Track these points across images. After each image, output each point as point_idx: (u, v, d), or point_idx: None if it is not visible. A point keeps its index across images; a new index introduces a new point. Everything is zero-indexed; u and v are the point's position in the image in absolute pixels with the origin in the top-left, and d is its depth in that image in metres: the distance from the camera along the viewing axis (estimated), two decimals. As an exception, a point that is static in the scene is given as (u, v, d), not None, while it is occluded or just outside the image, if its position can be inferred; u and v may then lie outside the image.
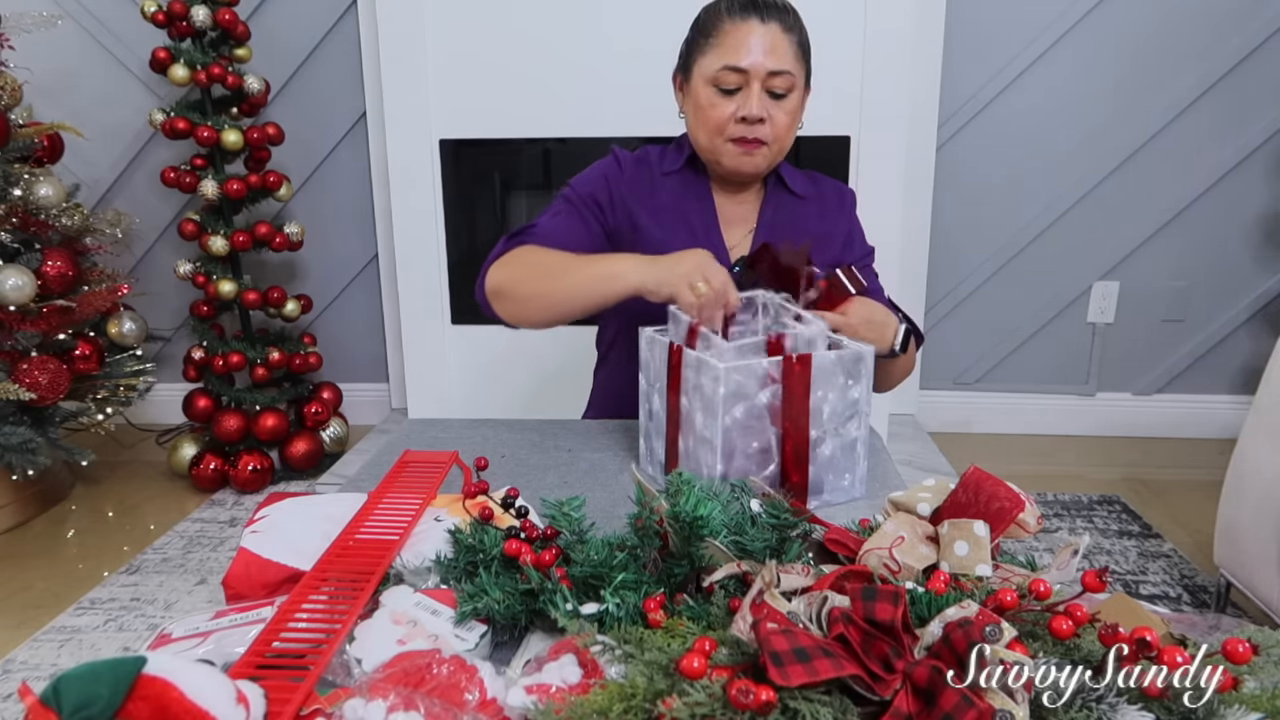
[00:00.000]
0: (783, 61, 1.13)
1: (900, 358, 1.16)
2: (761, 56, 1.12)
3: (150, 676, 0.49)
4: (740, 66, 1.12)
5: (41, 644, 1.73)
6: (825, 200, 1.31)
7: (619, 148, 1.30)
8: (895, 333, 1.12)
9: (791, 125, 1.18)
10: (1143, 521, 2.18)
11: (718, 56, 1.13)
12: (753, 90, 1.13)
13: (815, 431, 0.93)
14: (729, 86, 1.14)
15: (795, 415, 0.91)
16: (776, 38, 1.12)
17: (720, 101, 1.15)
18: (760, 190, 1.29)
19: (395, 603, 0.68)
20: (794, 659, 0.45)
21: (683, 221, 1.24)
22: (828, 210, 1.30)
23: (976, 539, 0.64)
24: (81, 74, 2.66)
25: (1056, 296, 2.69)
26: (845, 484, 0.97)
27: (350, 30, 2.59)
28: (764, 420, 0.91)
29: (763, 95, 1.14)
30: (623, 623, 0.61)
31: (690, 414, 0.94)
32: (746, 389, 0.89)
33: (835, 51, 2.21)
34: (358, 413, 2.84)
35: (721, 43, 1.13)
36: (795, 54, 1.14)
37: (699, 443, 0.93)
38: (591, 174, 1.27)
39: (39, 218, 2.16)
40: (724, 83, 1.14)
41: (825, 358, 0.91)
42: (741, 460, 0.91)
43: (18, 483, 2.20)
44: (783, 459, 0.93)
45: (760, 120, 1.14)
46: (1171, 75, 2.48)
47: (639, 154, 1.29)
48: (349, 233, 2.77)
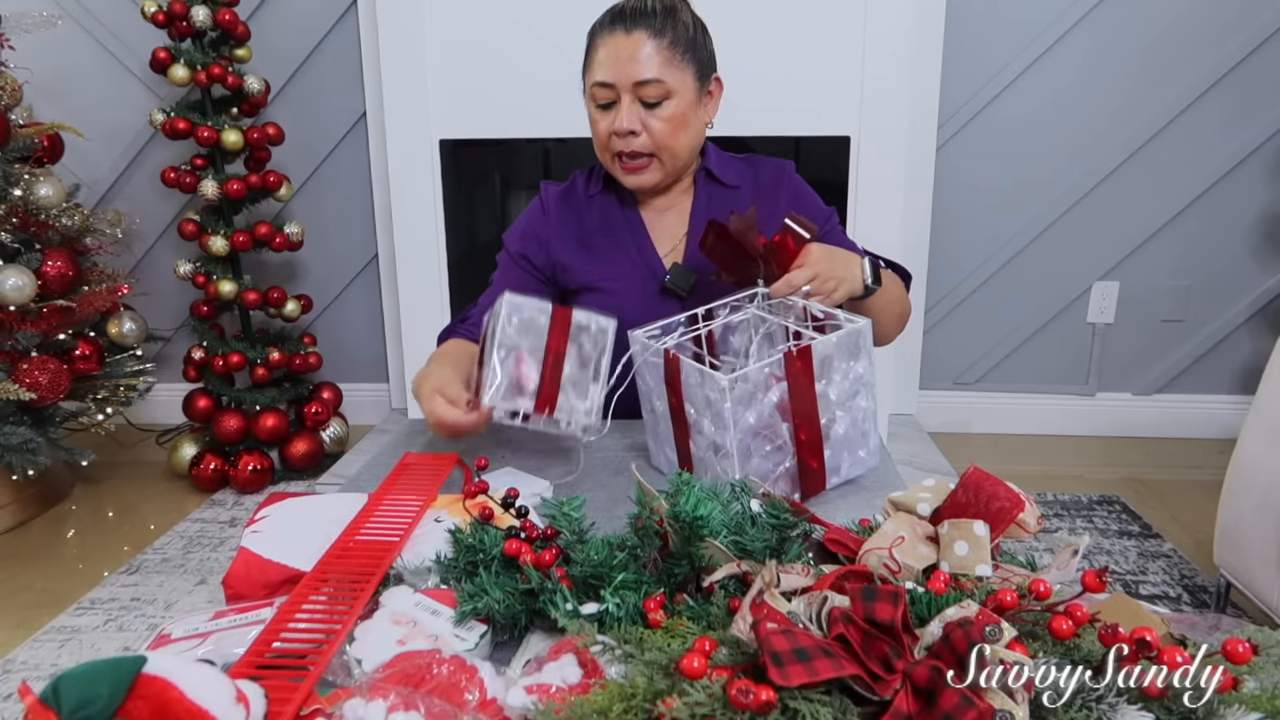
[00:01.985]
0: (648, 70, 1.11)
1: (881, 294, 1.14)
2: (624, 67, 1.11)
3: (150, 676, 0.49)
4: (606, 81, 1.12)
5: (41, 644, 1.73)
6: (761, 181, 1.27)
7: (547, 182, 1.30)
8: (860, 266, 1.10)
9: (676, 131, 1.15)
10: (1143, 521, 2.18)
11: (590, 73, 1.15)
12: (623, 103, 1.13)
13: (825, 416, 0.92)
14: (603, 101, 1.14)
15: (805, 407, 0.91)
16: (640, 46, 1.10)
17: (599, 116, 1.16)
18: (688, 189, 1.27)
19: (395, 603, 0.68)
20: (794, 659, 0.45)
21: (614, 244, 1.25)
22: (764, 190, 1.26)
23: (976, 539, 0.64)
24: (81, 74, 2.66)
25: (1056, 297, 2.69)
26: (861, 456, 0.98)
27: (350, 30, 2.59)
28: (776, 419, 0.91)
29: (634, 106, 1.12)
30: (623, 623, 0.61)
31: (698, 421, 0.94)
32: (753, 395, 0.89)
33: (835, 52, 2.21)
34: (358, 413, 2.84)
35: (592, 59, 1.15)
36: (666, 59, 1.11)
37: (711, 449, 0.92)
38: (518, 227, 1.29)
39: (39, 218, 2.16)
40: (599, 98, 1.15)
41: (824, 345, 0.90)
42: (759, 460, 0.91)
43: (18, 483, 2.20)
44: (798, 449, 0.92)
45: (632, 132, 1.13)
46: (1172, 75, 2.48)
47: (565, 185, 1.29)
48: (349, 233, 2.77)
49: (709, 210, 1.24)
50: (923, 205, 2.54)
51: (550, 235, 1.26)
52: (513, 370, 0.95)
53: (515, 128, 2.35)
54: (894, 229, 2.30)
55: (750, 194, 1.26)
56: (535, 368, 0.95)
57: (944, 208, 2.59)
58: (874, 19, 2.18)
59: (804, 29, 2.18)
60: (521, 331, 0.95)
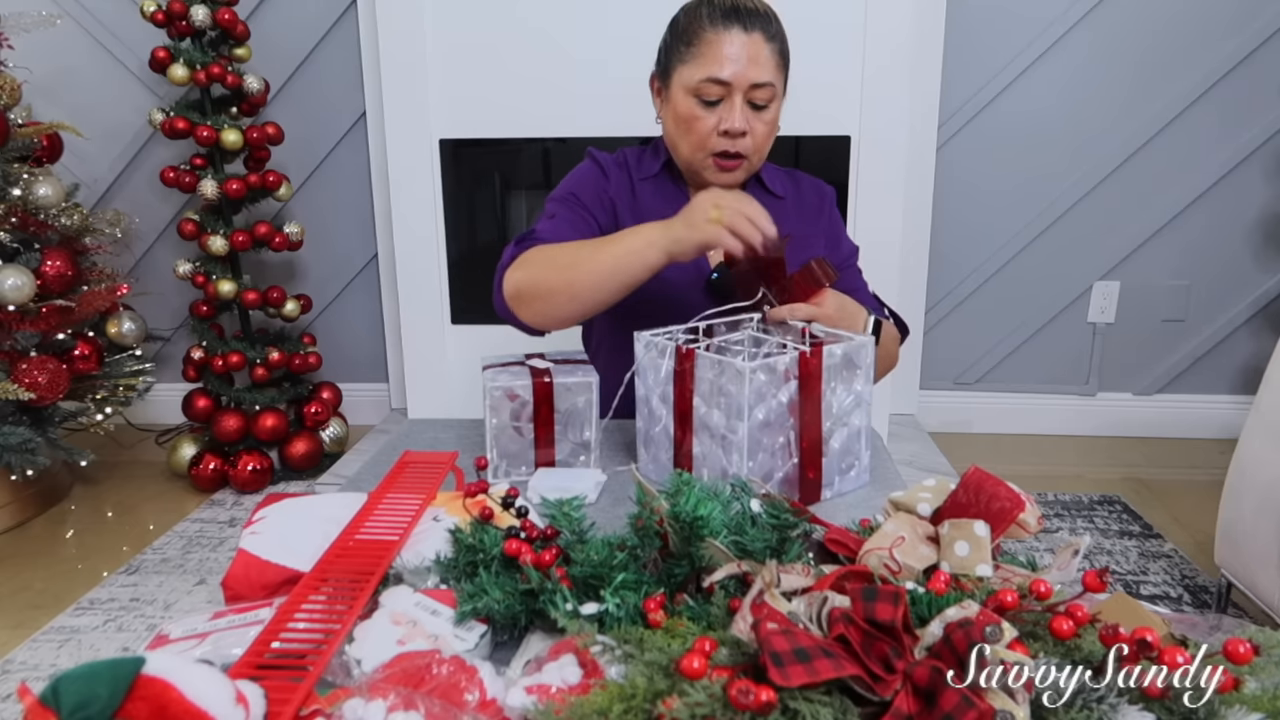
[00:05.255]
0: (765, 72, 1.10)
1: (877, 348, 1.16)
2: (745, 68, 1.09)
3: (149, 677, 0.49)
4: (723, 79, 1.09)
5: (41, 644, 1.73)
6: (804, 200, 1.29)
7: (595, 149, 1.28)
8: (865, 323, 1.11)
9: (770, 135, 1.16)
10: (1143, 522, 2.18)
11: (699, 67, 1.10)
12: (735, 102, 1.10)
13: (826, 424, 0.94)
14: (710, 98, 1.11)
15: (811, 409, 0.92)
16: (759, 48, 1.09)
17: (702, 114, 1.12)
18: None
19: (395, 603, 0.68)
20: (794, 659, 0.45)
21: None
22: (807, 210, 1.28)
23: (977, 539, 0.64)
24: (81, 74, 2.66)
25: (1057, 296, 2.69)
26: (853, 474, 0.99)
27: (350, 30, 2.59)
28: (783, 418, 0.92)
29: (744, 107, 1.11)
30: (623, 623, 0.61)
31: (707, 416, 0.94)
32: (768, 388, 0.90)
33: (835, 51, 2.21)
34: (357, 413, 2.84)
35: (703, 52, 1.10)
36: (777, 64, 1.12)
37: (719, 444, 0.93)
38: (575, 177, 1.25)
39: (38, 217, 2.16)
40: (706, 94, 1.11)
41: (834, 351, 0.92)
42: (765, 456, 0.92)
43: (17, 483, 2.20)
44: (800, 455, 0.93)
45: (743, 134, 1.12)
46: (1172, 75, 2.48)
47: (616, 156, 1.27)
48: (349, 233, 2.77)
49: None
50: (923, 205, 2.54)
51: (611, 194, 1.23)
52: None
53: (515, 128, 2.35)
54: (894, 229, 2.30)
55: (794, 208, 1.27)
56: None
57: (944, 208, 2.59)
58: (874, 19, 2.18)
59: (804, 29, 2.16)
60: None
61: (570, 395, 1.03)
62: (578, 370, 1.05)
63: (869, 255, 1.42)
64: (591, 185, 1.23)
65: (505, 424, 1.01)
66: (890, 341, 1.22)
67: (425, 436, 1.18)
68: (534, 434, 1.02)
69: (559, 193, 1.24)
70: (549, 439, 1.03)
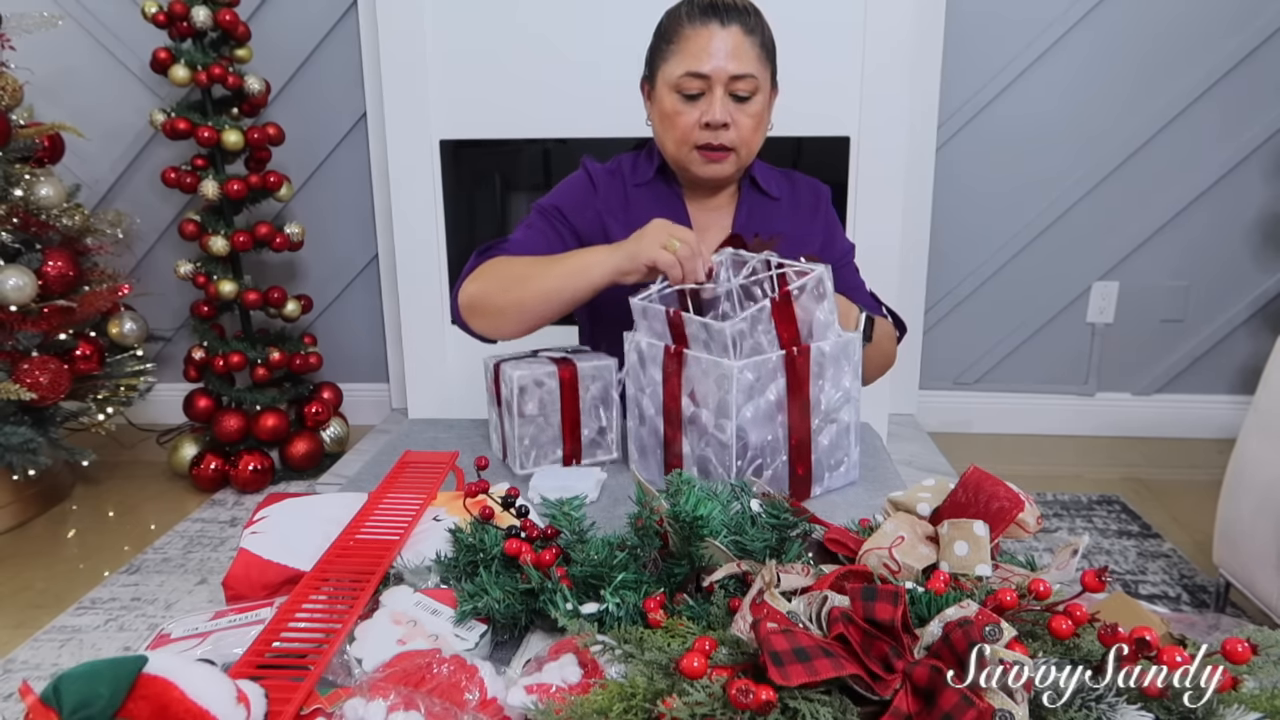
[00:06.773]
0: (745, 64, 1.12)
1: (869, 345, 1.15)
2: (723, 60, 1.11)
3: (151, 676, 0.49)
4: (702, 72, 1.12)
5: (42, 644, 1.73)
6: (800, 200, 1.30)
7: (589, 159, 1.30)
8: (856, 320, 1.11)
9: (757, 128, 1.17)
10: (1142, 521, 2.18)
11: (679, 62, 1.13)
12: (716, 95, 1.13)
13: (815, 420, 0.95)
14: (692, 92, 1.13)
15: (799, 407, 0.93)
16: (738, 40, 1.12)
17: (684, 108, 1.15)
18: (734, 194, 1.28)
19: (395, 603, 0.68)
20: (794, 659, 0.45)
21: None
22: (802, 210, 1.30)
23: (976, 539, 0.64)
24: (82, 74, 2.66)
25: (1056, 297, 2.69)
26: (842, 471, 1.00)
27: (350, 30, 2.59)
28: (772, 415, 0.92)
29: (726, 100, 1.13)
30: (623, 623, 0.61)
31: (696, 414, 0.94)
32: (757, 385, 0.90)
33: (834, 52, 2.21)
34: (358, 413, 2.84)
35: (683, 48, 1.13)
36: (758, 56, 1.13)
37: (708, 444, 0.93)
38: (564, 189, 1.28)
39: (40, 218, 2.16)
40: (687, 88, 1.14)
41: (822, 347, 0.93)
42: (754, 454, 0.92)
43: (18, 483, 2.20)
44: (789, 452, 0.94)
45: (724, 125, 1.14)
46: (1172, 75, 2.48)
47: (610, 165, 1.29)
48: (349, 233, 2.77)
49: (750, 220, 1.26)
50: (923, 205, 2.54)
51: (600, 208, 1.25)
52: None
53: (515, 128, 2.35)
54: (894, 229, 2.30)
55: (789, 208, 1.28)
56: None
57: (944, 208, 2.59)
58: (874, 19, 2.18)
59: (804, 29, 2.18)
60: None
61: (593, 380, 1.08)
62: (592, 357, 1.11)
63: (868, 256, 1.43)
64: (578, 198, 1.26)
65: (533, 415, 1.06)
66: (886, 339, 1.23)
67: (425, 436, 1.19)
68: (560, 421, 1.07)
69: (545, 202, 1.27)
70: (575, 425, 1.08)
